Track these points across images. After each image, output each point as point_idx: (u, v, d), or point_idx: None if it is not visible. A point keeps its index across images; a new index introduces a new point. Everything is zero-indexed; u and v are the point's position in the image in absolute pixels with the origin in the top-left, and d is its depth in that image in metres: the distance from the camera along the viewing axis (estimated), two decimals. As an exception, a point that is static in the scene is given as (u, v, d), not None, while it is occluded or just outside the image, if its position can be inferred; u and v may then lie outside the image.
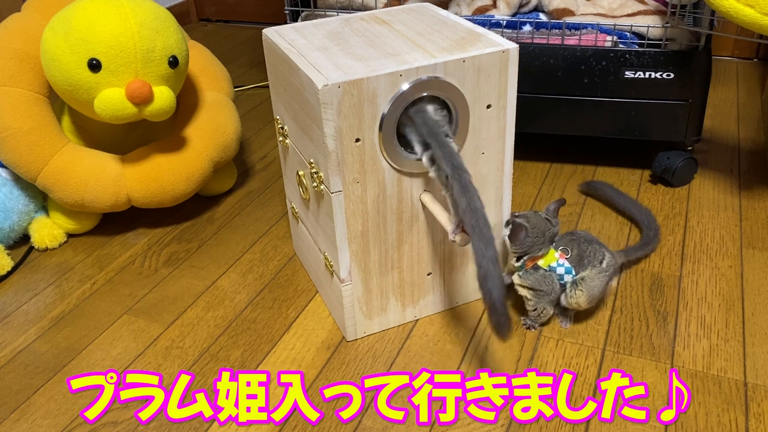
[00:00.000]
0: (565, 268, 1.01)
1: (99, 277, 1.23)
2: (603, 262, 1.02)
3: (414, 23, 1.06)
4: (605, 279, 1.02)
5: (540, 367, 0.99)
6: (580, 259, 1.02)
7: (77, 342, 1.08)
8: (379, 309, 1.05)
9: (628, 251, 1.18)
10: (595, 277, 1.01)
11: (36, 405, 0.97)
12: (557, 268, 1.01)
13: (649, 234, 1.21)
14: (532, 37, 1.37)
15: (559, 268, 1.01)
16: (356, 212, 0.95)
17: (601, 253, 1.03)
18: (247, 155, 1.63)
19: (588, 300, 1.02)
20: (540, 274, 1.01)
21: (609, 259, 1.03)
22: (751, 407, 0.91)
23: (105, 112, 1.17)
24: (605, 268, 1.02)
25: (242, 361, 1.03)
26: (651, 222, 1.24)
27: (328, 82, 0.86)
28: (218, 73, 1.44)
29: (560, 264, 1.01)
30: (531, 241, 0.99)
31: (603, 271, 1.02)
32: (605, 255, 1.03)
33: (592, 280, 1.01)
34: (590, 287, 1.01)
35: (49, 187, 1.25)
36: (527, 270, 1.01)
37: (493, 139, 1.00)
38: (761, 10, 1.09)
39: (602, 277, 1.02)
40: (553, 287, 1.01)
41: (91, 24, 1.14)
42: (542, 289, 1.01)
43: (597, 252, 1.02)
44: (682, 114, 1.34)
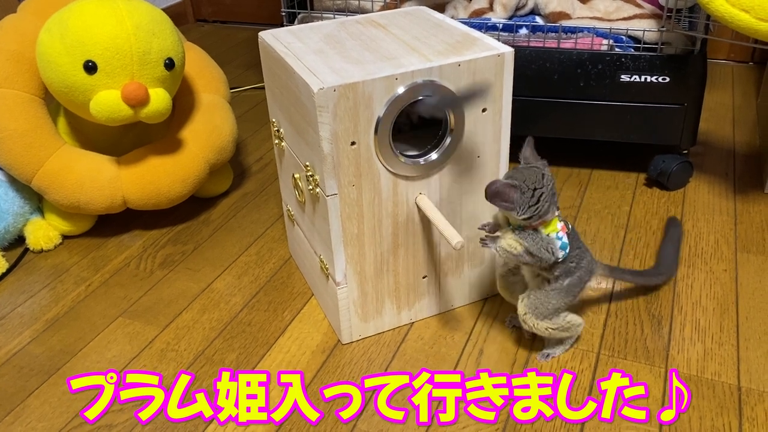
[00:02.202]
0: (561, 243, 0.91)
1: (94, 279, 1.23)
2: (565, 280, 0.94)
3: (410, 27, 1.06)
4: (559, 297, 0.95)
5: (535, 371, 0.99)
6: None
7: (72, 344, 1.08)
8: (375, 312, 1.05)
9: (616, 271, 1.11)
10: (548, 293, 0.94)
11: (31, 407, 0.97)
12: (555, 240, 0.90)
13: (657, 271, 1.14)
14: (529, 40, 1.38)
15: (557, 241, 0.90)
16: (352, 215, 0.95)
17: (584, 259, 0.96)
18: (243, 157, 1.63)
19: (536, 316, 0.95)
20: (541, 238, 0.90)
21: (572, 280, 0.94)
22: (744, 411, 0.92)
23: (101, 114, 1.17)
24: (565, 287, 0.94)
25: (237, 364, 1.03)
26: (669, 268, 1.15)
27: (323, 86, 0.86)
28: (214, 74, 1.44)
29: (559, 237, 0.90)
30: (532, 198, 0.87)
31: (557, 289, 0.94)
32: (581, 264, 0.95)
33: (538, 298, 0.94)
34: (535, 303, 0.95)
35: (44, 189, 1.25)
36: (526, 230, 0.90)
37: (489, 143, 1.00)
38: (756, 15, 1.09)
39: (554, 295, 0.94)
40: (547, 259, 0.90)
41: (87, 26, 1.14)
42: (540, 257, 0.90)
43: (582, 255, 0.95)
44: (678, 118, 1.35)
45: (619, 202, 1.38)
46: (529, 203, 0.87)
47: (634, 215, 1.34)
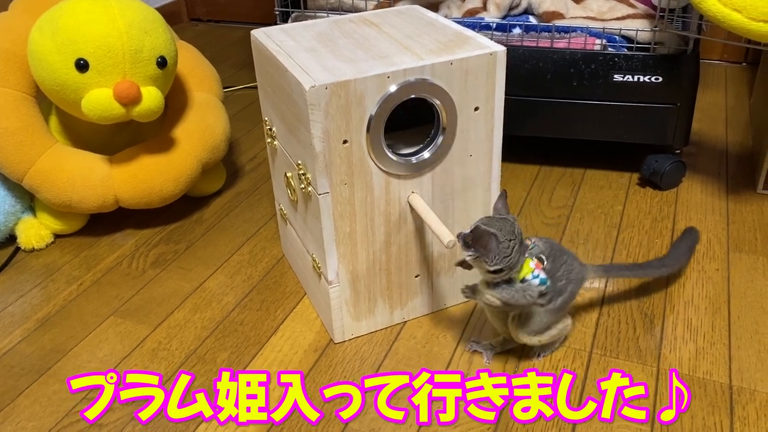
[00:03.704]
0: (540, 279, 0.90)
1: (86, 278, 1.23)
2: (558, 299, 0.93)
3: (403, 25, 1.06)
4: (552, 314, 0.94)
5: (527, 369, 0.99)
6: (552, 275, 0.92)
7: (63, 344, 1.08)
8: (367, 311, 1.05)
9: (612, 269, 1.08)
10: (540, 313, 0.93)
11: (21, 407, 0.96)
12: (531, 280, 0.89)
13: (662, 263, 1.11)
14: (522, 39, 1.38)
15: (533, 281, 0.90)
16: (344, 214, 0.95)
17: (574, 269, 0.95)
18: (236, 156, 1.63)
19: (529, 333, 0.95)
20: (516, 289, 0.89)
21: (565, 298, 0.94)
22: (736, 410, 0.92)
23: (93, 113, 1.16)
24: (558, 305, 0.93)
25: (229, 363, 1.02)
26: (677, 260, 1.13)
27: (315, 84, 0.86)
28: (207, 73, 1.43)
29: (535, 275, 0.90)
30: (507, 249, 0.86)
31: (551, 309, 0.93)
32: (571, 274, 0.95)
33: (532, 319, 0.94)
34: (527, 323, 0.94)
35: (35, 188, 1.24)
36: (499, 284, 0.90)
37: (481, 142, 1.00)
38: (748, 15, 1.10)
39: (545, 313, 0.93)
40: (531, 302, 0.91)
41: (78, 24, 1.14)
42: (519, 303, 0.90)
43: (569, 267, 0.94)
44: (671, 117, 1.35)
45: (612, 202, 1.38)
46: (503, 254, 0.86)
47: (627, 215, 1.34)
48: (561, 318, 0.97)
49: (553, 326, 0.96)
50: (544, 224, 1.32)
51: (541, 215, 1.35)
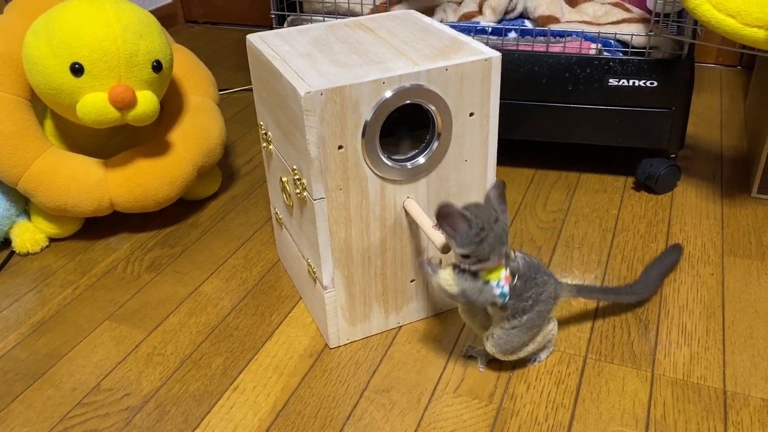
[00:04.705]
0: (501, 292, 0.88)
1: (81, 282, 1.22)
2: (523, 317, 0.92)
3: (398, 30, 1.06)
4: (522, 333, 0.93)
5: (522, 374, 0.99)
6: (520, 294, 0.91)
7: (58, 348, 1.07)
8: (362, 316, 1.05)
9: (584, 290, 1.04)
10: (509, 332, 0.93)
11: (15, 413, 0.96)
12: (495, 288, 0.88)
13: (631, 289, 1.09)
14: (517, 44, 1.38)
15: (496, 289, 0.88)
16: (339, 219, 0.95)
17: (547, 287, 0.94)
18: (232, 159, 1.63)
19: (502, 353, 0.95)
20: (478, 286, 0.88)
21: (531, 316, 0.93)
22: (730, 415, 0.92)
23: (88, 117, 1.16)
24: (525, 322, 0.93)
25: (224, 368, 1.02)
26: (646, 288, 1.10)
27: (310, 89, 0.86)
28: (203, 76, 1.43)
29: (499, 285, 0.88)
30: (476, 237, 0.84)
31: (517, 326, 0.93)
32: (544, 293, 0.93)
33: (501, 338, 0.94)
34: (499, 343, 0.94)
35: (30, 192, 1.24)
36: (465, 272, 0.89)
37: (476, 147, 1.00)
38: (742, 21, 1.10)
39: (516, 333, 0.93)
40: (483, 303, 0.91)
41: (73, 28, 1.14)
42: (472, 301, 0.89)
43: (541, 289, 0.93)
44: (666, 122, 1.35)
45: (607, 206, 1.39)
46: (472, 240, 0.84)
47: (622, 219, 1.34)
48: (536, 334, 0.96)
49: (529, 342, 0.96)
50: (539, 228, 1.32)
51: (536, 219, 1.35)
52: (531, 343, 0.97)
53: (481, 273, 0.88)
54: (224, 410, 0.95)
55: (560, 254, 1.24)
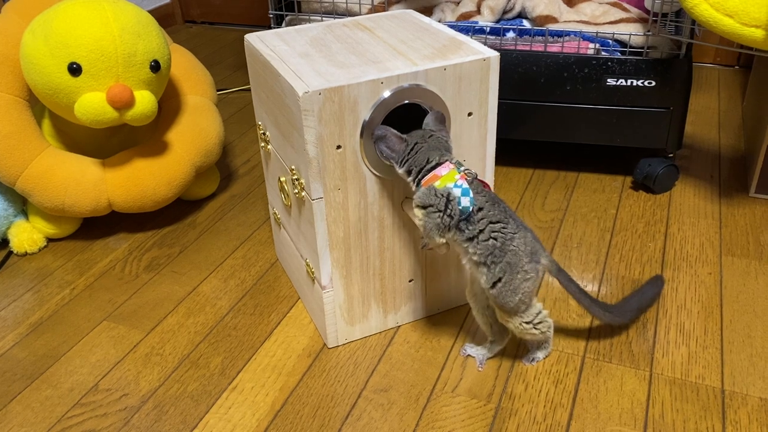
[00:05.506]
0: (462, 189, 0.87)
1: (79, 282, 1.22)
2: (495, 268, 0.89)
3: (396, 30, 1.06)
4: (506, 290, 0.90)
5: (520, 374, 0.99)
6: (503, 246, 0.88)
7: (56, 349, 1.07)
8: (361, 316, 1.05)
9: (562, 274, 0.97)
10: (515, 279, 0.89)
11: (13, 413, 0.96)
12: (453, 189, 0.87)
13: (606, 308, 1.01)
14: (516, 43, 1.38)
15: (455, 190, 0.87)
16: (337, 219, 0.95)
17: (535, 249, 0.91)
18: (230, 159, 1.63)
19: (508, 315, 0.93)
20: (429, 189, 0.88)
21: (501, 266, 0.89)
22: (728, 414, 0.92)
23: (86, 117, 1.16)
24: (497, 274, 0.89)
25: (222, 368, 1.02)
26: (621, 314, 1.04)
27: (308, 89, 0.86)
28: (201, 76, 1.43)
29: (458, 185, 0.87)
30: (411, 152, 0.88)
31: (493, 282, 0.90)
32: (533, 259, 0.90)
33: (510, 283, 0.89)
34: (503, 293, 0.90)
35: (28, 192, 1.24)
36: (420, 188, 0.89)
37: (475, 146, 1.00)
38: (740, 20, 1.10)
39: (501, 293, 0.90)
40: (448, 207, 0.87)
41: (71, 28, 1.13)
42: (431, 204, 0.87)
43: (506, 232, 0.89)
44: (664, 121, 1.35)
45: (605, 206, 1.39)
46: (408, 155, 0.90)
47: (621, 218, 1.34)
48: (527, 297, 0.91)
49: (531, 307, 0.93)
50: (537, 228, 1.32)
51: (534, 218, 1.35)
52: (533, 305, 0.93)
53: (437, 187, 0.87)
54: (222, 410, 0.95)
55: (558, 254, 1.25)
